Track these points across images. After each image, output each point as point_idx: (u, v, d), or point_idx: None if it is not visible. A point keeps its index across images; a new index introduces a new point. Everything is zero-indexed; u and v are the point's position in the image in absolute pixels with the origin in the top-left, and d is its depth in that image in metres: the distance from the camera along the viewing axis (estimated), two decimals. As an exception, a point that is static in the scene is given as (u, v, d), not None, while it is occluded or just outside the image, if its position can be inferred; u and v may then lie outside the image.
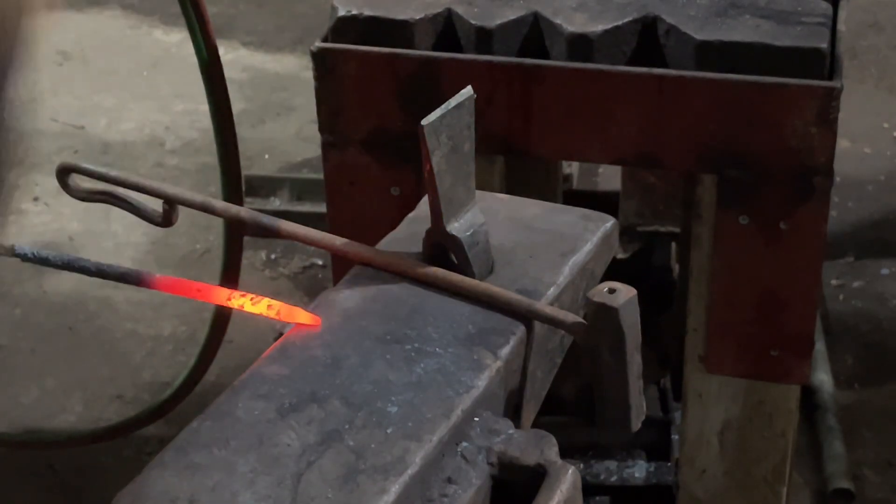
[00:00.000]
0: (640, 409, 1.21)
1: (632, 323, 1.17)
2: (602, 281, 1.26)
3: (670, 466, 2.53)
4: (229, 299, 1.26)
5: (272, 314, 1.25)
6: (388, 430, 1.12)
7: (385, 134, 1.94)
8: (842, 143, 2.35)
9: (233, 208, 1.41)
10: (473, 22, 1.91)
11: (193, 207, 1.40)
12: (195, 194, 1.40)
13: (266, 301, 1.25)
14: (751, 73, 1.82)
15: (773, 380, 2.01)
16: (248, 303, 1.25)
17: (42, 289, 3.45)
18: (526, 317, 1.26)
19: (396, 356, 1.21)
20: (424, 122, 1.25)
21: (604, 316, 1.16)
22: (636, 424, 1.22)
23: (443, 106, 1.27)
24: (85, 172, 1.39)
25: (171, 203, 1.39)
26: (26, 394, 3.11)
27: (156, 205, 1.40)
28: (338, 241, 1.36)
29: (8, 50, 1.04)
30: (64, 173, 1.39)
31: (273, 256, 3.60)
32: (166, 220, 1.40)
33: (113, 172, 1.39)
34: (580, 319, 1.21)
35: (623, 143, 1.90)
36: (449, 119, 1.27)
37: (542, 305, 1.26)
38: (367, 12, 1.92)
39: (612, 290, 1.17)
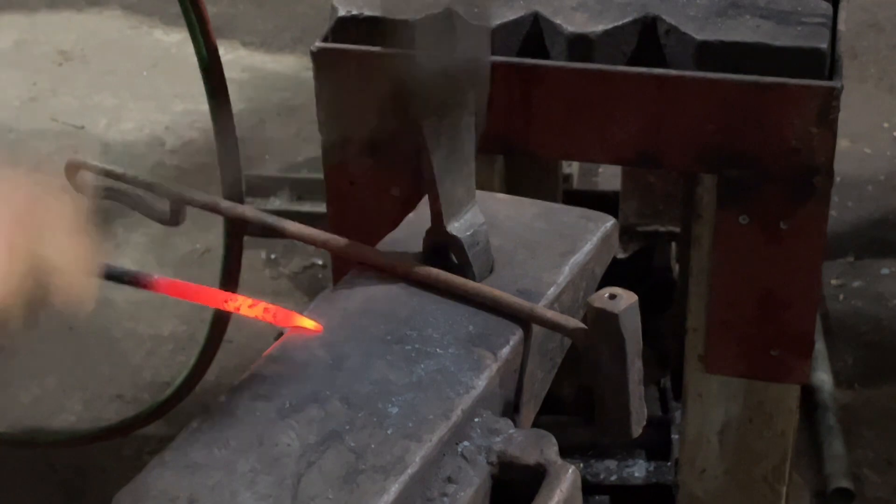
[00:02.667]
0: (640, 414, 1.20)
1: (632, 329, 1.15)
2: (602, 281, 1.26)
3: (670, 466, 2.53)
4: (226, 302, 1.25)
5: (269, 318, 1.24)
6: (389, 431, 1.12)
7: (385, 134, 1.94)
8: (842, 143, 2.35)
9: (238, 208, 1.41)
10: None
11: (200, 207, 1.40)
12: (202, 194, 1.40)
13: (263, 305, 1.24)
14: (751, 73, 1.82)
15: (773, 380, 2.01)
16: (245, 306, 1.24)
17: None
18: (527, 321, 1.26)
19: (397, 356, 1.21)
20: (424, 122, 1.25)
21: (604, 322, 1.15)
22: (636, 430, 1.21)
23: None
24: (93, 170, 1.39)
25: (178, 202, 1.39)
26: (26, 393, 3.11)
27: (160, 203, 1.40)
28: (338, 241, 1.36)
29: None
30: (72, 170, 1.39)
31: (273, 256, 3.60)
32: (174, 218, 1.40)
33: (120, 170, 1.39)
34: (581, 325, 1.19)
35: (623, 143, 1.90)
36: (449, 119, 1.27)
37: (544, 309, 1.26)
38: (367, 12, 1.92)
39: (612, 296, 1.15)
